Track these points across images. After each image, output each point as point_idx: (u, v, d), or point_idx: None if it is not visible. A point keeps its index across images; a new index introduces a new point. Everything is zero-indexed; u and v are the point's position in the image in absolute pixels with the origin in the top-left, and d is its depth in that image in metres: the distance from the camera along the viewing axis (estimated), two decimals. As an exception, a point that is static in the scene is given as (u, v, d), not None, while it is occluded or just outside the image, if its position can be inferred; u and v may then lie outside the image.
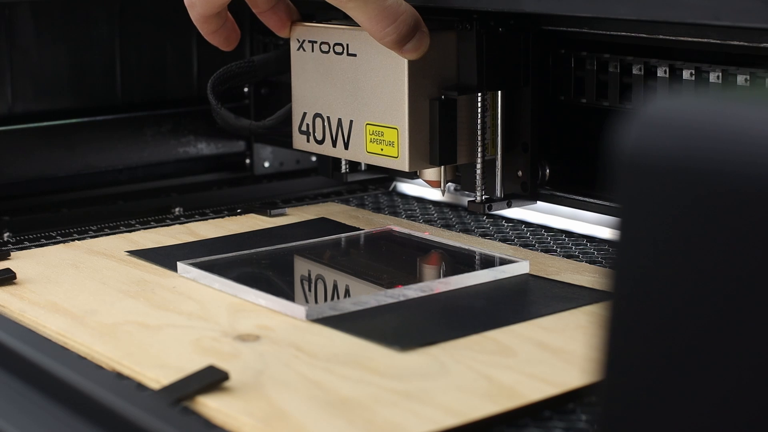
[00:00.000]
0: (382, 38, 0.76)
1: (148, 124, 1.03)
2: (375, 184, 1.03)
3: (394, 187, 1.03)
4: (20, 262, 0.79)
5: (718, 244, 0.36)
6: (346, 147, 0.84)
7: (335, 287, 0.75)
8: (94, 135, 1.01)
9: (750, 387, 0.35)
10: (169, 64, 1.05)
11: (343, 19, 0.85)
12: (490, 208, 0.83)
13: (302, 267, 0.79)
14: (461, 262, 0.78)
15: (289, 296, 0.73)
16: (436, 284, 0.72)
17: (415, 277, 0.77)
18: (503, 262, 0.76)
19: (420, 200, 0.99)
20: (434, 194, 0.97)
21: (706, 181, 0.36)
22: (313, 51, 0.84)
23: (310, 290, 0.75)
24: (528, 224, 0.89)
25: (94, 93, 1.02)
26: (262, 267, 0.78)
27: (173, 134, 1.04)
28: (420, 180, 0.91)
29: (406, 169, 0.80)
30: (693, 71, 0.76)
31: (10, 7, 0.96)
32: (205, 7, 0.81)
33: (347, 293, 0.74)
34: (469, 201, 0.84)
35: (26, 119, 0.98)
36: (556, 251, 0.82)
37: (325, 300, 0.73)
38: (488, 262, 0.77)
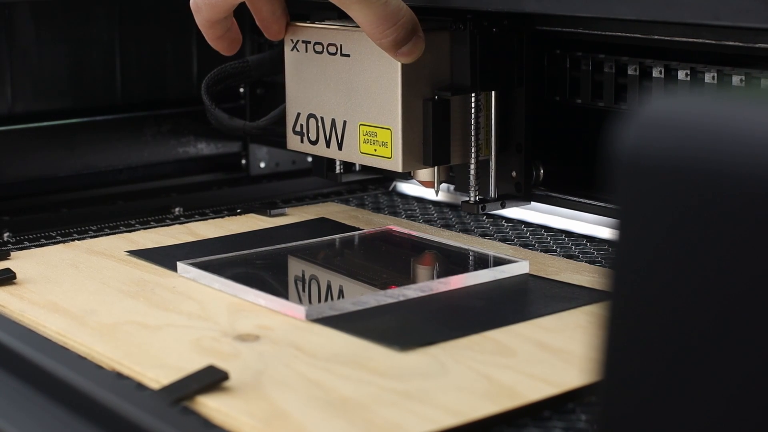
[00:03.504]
0: (379, 40, 0.76)
1: (147, 124, 1.03)
2: (375, 184, 1.03)
3: (394, 187, 1.03)
4: (20, 262, 0.79)
5: (716, 243, 0.36)
6: (340, 147, 0.84)
7: (335, 287, 0.75)
8: (94, 135, 1.01)
9: (749, 387, 0.35)
10: (169, 64, 1.05)
11: (337, 19, 0.85)
12: (483, 209, 0.83)
13: (302, 267, 0.79)
14: (461, 262, 0.78)
15: (289, 296, 0.73)
16: (435, 284, 0.72)
17: (414, 277, 0.77)
18: (503, 262, 0.76)
19: (420, 200, 0.99)
20: (434, 194, 0.97)
21: (704, 181, 0.36)
22: (306, 51, 0.84)
23: (309, 290, 0.75)
24: (528, 224, 0.90)
25: (94, 93, 1.02)
26: (261, 267, 0.78)
27: (173, 134, 1.04)
28: (419, 180, 0.91)
29: (399, 170, 0.80)
30: (688, 72, 0.76)
31: (10, 7, 0.96)
32: (210, 12, 0.81)
33: (347, 293, 0.74)
34: (462, 201, 0.84)
35: (26, 119, 0.98)
36: (555, 251, 0.82)
37: (325, 300, 0.73)
38: (488, 262, 0.77)
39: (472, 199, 0.83)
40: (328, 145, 0.84)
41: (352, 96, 0.82)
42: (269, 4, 0.83)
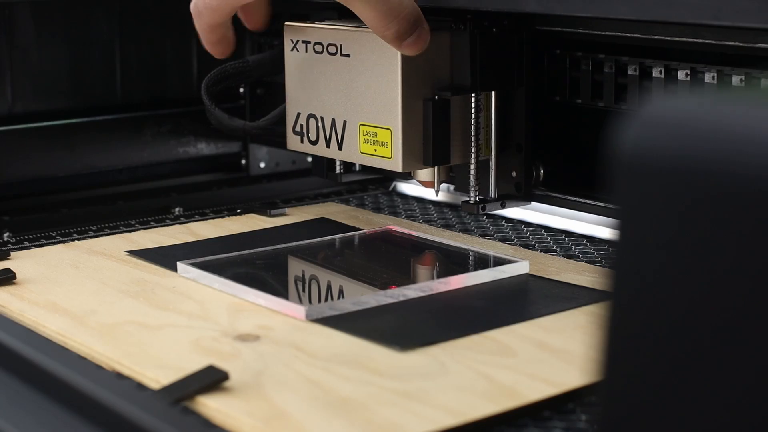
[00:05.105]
0: (383, 33, 0.76)
1: (148, 124, 1.03)
2: (375, 184, 1.03)
3: (394, 187, 1.03)
4: (20, 262, 0.79)
5: (716, 243, 0.36)
6: (340, 147, 0.84)
7: (335, 288, 0.75)
8: (94, 135, 1.01)
9: (750, 387, 0.35)
10: (169, 64, 1.05)
11: (337, 19, 0.85)
12: (483, 209, 0.83)
13: (302, 267, 0.79)
14: (461, 262, 0.78)
15: (289, 296, 0.73)
16: (435, 284, 0.72)
17: (414, 277, 0.77)
18: (503, 262, 0.76)
19: (420, 200, 0.99)
20: (434, 194, 0.97)
21: (704, 181, 0.36)
22: (306, 51, 0.84)
23: (309, 290, 0.75)
24: (528, 224, 0.89)
25: (94, 93, 1.02)
26: (261, 267, 0.78)
27: (173, 134, 1.04)
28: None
29: (400, 170, 0.80)
30: (688, 72, 0.76)
31: (10, 7, 0.96)
32: (212, 16, 0.81)
33: (347, 293, 0.74)
34: (463, 201, 0.84)
35: (26, 119, 0.98)
36: (555, 251, 0.82)
37: (325, 300, 0.73)
38: (488, 262, 0.77)
39: (472, 199, 0.83)
40: (328, 145, 0.84)
41: (352, 96, 0.82)
42: None
